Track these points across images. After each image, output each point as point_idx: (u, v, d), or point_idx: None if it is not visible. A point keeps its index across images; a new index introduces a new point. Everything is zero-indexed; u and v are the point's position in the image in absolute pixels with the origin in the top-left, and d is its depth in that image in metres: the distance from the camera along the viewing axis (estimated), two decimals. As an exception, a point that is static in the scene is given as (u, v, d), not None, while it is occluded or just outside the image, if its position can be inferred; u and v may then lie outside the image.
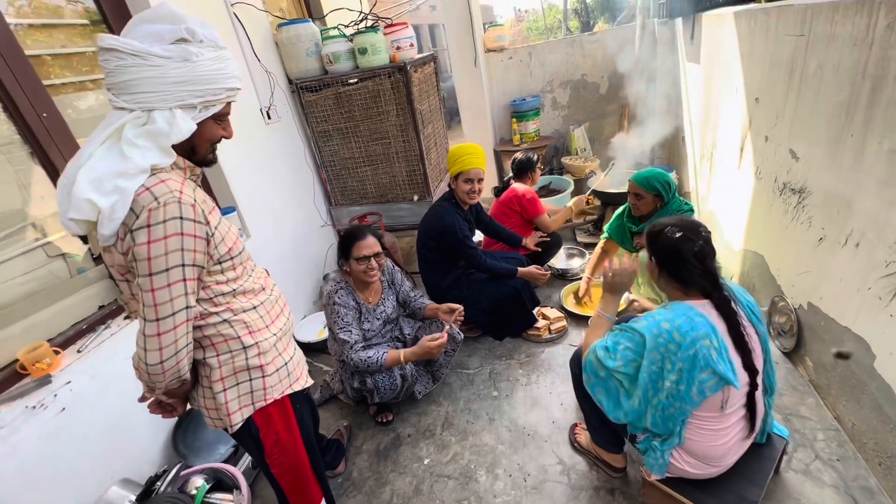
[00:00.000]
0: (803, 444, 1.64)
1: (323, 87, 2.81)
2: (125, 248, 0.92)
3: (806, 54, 1.74)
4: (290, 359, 1.22)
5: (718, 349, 1.17)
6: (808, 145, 1.77)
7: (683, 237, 1.25)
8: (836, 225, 1.62)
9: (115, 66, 0.89)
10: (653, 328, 1.21)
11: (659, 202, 2.10)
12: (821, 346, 1.77)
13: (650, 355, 1.21)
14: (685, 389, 1.19)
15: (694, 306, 1.22)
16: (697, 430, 1.27)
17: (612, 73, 4.02)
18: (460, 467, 1.82)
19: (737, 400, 1.25)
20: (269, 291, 1.19)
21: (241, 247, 1.11)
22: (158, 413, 1.19)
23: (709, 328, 1.17)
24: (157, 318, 0.92)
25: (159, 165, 0.94)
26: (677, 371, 1.18)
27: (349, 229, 1.94)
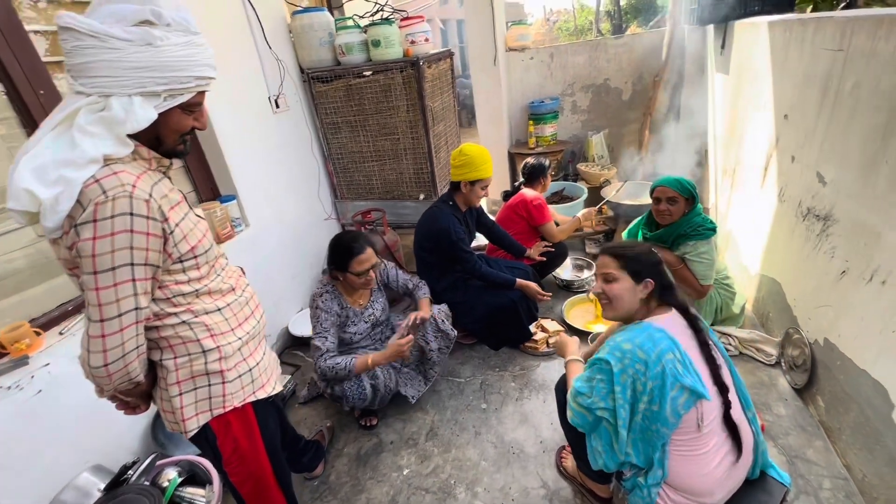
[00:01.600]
0: (807, 490, 1.52)
1: (334, 78, 2.76)
2: (69, 242, 0.87)
3: (843, 71, 1.61)
4: (256, 364, 1.16)
5: (683, 361, 1.14)
6: (838, 169, 1.64)
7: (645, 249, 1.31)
8: (861, 258, 1.49)
9: (73, 46, 0.84)
10: (615, 351, 1.18)
11: (688, 207, 2.00)
12: (835, 386, 1.64)
13: (620, 379, 1.16)
14: (658, 410, 1.14)
15: (651, 322, 1.20)
16: (679, 456, 1.19)
17: (637, 80, 3.88)
18: (440, 481, 1.75)
19: (713, 417, 1.17)
20: (238, 292, 1.13)
21: (209, 245, 1.05)
22: (122, 409, 1.15)
23: (670, 342, 1.15)
24: (102, 319, 0.87)
25: (113, 156, 0.89)
26: (649, 392, 1.13)
27: (344, 239, 1.84)
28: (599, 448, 1.26)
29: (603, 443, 1.25)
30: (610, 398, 1.17)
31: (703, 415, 1.14)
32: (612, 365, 1.15)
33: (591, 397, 1.20)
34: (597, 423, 1.24)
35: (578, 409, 1.25)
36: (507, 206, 2.85)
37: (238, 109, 2.33)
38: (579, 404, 1.24)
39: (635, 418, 1.16)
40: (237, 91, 2.32)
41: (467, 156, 2.18)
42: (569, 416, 1.30)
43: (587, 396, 1.21)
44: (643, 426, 1.16)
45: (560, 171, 4.10)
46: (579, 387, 1.25)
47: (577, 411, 1.26)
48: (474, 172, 2.20)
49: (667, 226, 2.08)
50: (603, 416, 1.20)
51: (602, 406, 1.19)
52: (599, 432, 1.25)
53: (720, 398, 1.18)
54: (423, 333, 2.03)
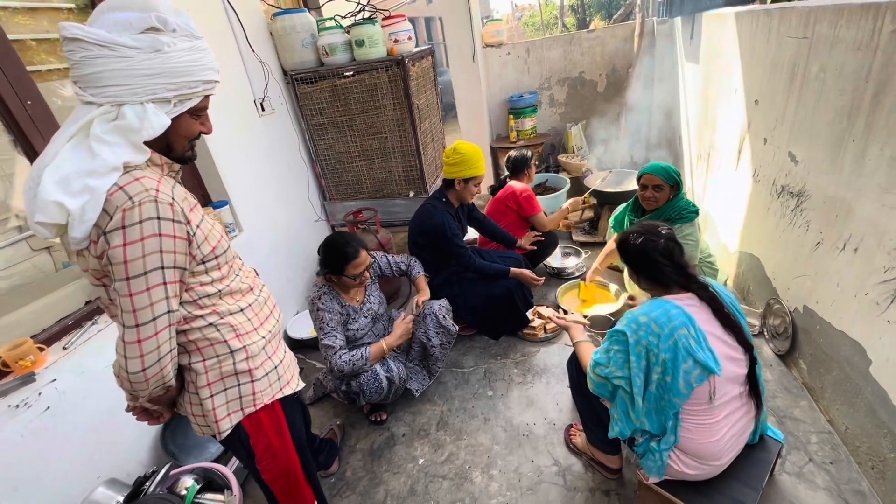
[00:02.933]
0: (797, 446, 1.65)
1: (319, 80, 2.76)
2: (99, 251, 0.87)
3: (808, 57, 1.73)
4: (280, 362, 1.18)
5: (697, 338, 1.20)
6: (809, 149, 1.77)
7: (646, 240, 1.32)
8: (834, 229, 1.62)
9: (81, 57, 0.84)
10: (631, 324, 1.25)
11: (673, 193, 2.11)
12: (815, 349, 1.78)
13: (635, 349, 1.23)
14: (671, 381, 1.21)
15: (671, 300, 1.26)
16: (691, 425, 1.27)
17: (611, 72, 4.01)
18: (455, 467, 1.81)
19: (725, 390, 1.26)
20: (257, 292, 1.15)
21: (227, 245, 1.06)
22: (145, 420, 1.15)
23: (685, 318, 1.21)
24: (137, 324, 0.88)
25: (132, 163, 0.89)
26: (661, 363, 1.20)
27: (337, 243, 1.85)
28: (616, 416, 1.34)
29: (619, 410, 1.32)
30: (626, 367, 1.25)
31: (716, 389, 1.21)
32: (628, 336, 1.23)
33: (608, 367, 1.28)
34: (615, 391, 1.32)
35: (597, 380, 1.33)
36: (496, 199, 2.92)
37: (225, 113, 2.31)
38: (598, 374, 1.32)
39: (649, 388, 1.24)
40: (222, 95, 2.28)
41: (462, 154, 2.22)
42: (589, 386, 1.38)
43: (605, 366, 1.29)
44: (657, 395, 1.24)
45: (541, 163, 4.20)
46: (598, 358, 1.33)
47: (596, 382, 1.34)
48: (469, 170, 2.25)
49: (652, 211, 2.18)
50: (620, 384, 1.28)
51: (619, 375, 1.26)
52: (617, 401, 1.33)
53: (746, 356, 1.27)
54: (424, 329, 2.08)
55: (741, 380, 1.29)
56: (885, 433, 1.41)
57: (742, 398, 1.31)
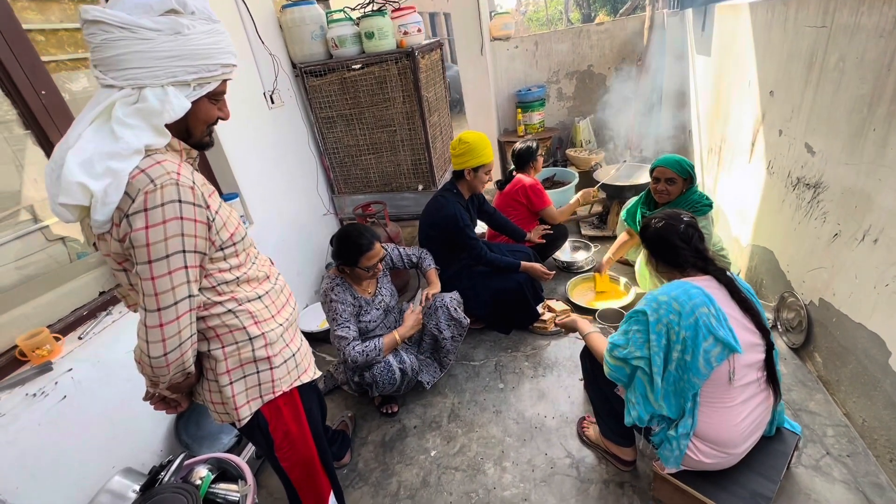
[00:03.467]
0: (813, 439, 1.63)
1: (328, 72, 2.75)
2: (121, 234, 0.87)
3: (827, 46, 1.71)
4: (298, 350, 1.18)
5: (717, 317, 1.21)
6: (826, 139, 1.74)
7: (666, 224, 1.36)
8: (853, 220, 1.60)
9: (102, 40, 0.83)
10: (651, 303, 1.26)
11: (686, 187, 2.10)
12: (832, 342, 1.77)
13: (655, 328, 1.24)
14: (691, 360, 1.20)
15: (689, 280, 1.28)
16: (709, 408, 1.27)
17: (620, 65, 3.97)
18: (468, 459, 1.80)
19: (744, 372, 1.25)
20: (273, 280, 1.15)
21: (244, 232, 1.06)
22: (162, 409, 1.15)
23: (704, 297, 1.22)
24: (159, 308, 0.88)
25: (153, 146, 0.89)
26: (682, 341, 1.20)
27: (351, 235, 1.84)
28: (634, 399, 1.33)
29: (638, 393, 1.31)
30: (646, 347, 1.25)
31: (735, 369, 1.21)
32: (649, 315, 1.23)
33: (626, 348, 1.28)
34: (633, 374, 1.31)
35: (615, 363, 1.33)
36: (504, 193, 2.89)
37: (234, 106, 2.26)
38: (615, 357, 1.32)
39: (669, 367, 1.23)
40: (233, 87, 2.26)
41: (467, 143, 2.21)
42: (606, 371, 1.38)
43: (623, 348, 1.29)
44: (676, 376, 1.24)
45: (549, 157, 4.18)
46: (615, 340, 1.33)
47: (613, 365, 1.34)
48: (476, 159, 2.24)
49: (665, 204, 2.17)
50: (639, 364, 1.27)
51: (638, 355, 1.26)
52: (635, 383, 1.32)
53: (764, 341, 1.27)
54: (435, 322, 2.08)
55: (759, 365, 1.29)
56: (905, 425, 1.40)
57: (760, 384, 1.30)
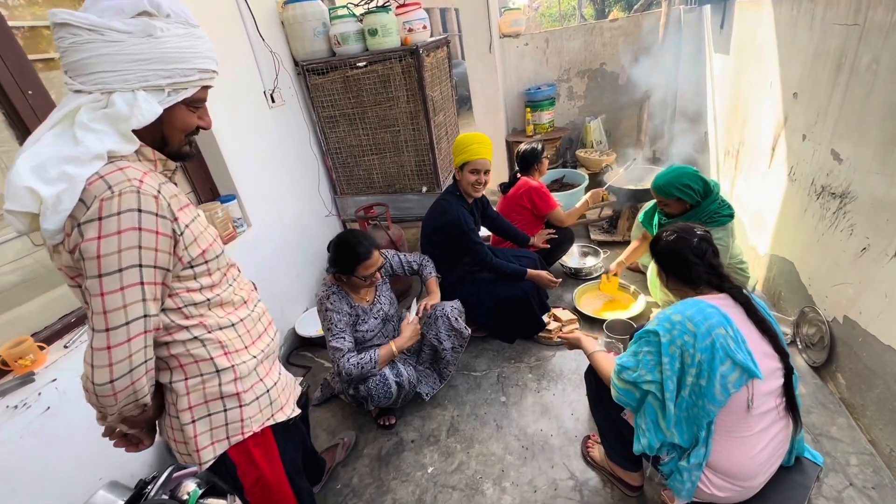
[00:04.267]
0: (834, 468, 1.53)
1: (330, 70, 2.67)
2: (72, 244, 0.79)
3: (858, 46, 1.59)
4: (274, 384, 1.08)
5: (735, 338, 1.11)
6: (856, 146, 1.63)
7: (678, 238, 1.29)
8: (884, 234, 1.49)
9: (70, 43, 0.78)
10: (664, 322, 1.17)
11: (686, 204, 1.98)
12: (857, 364, 1.65)
13: (669, 350, 1.14)
14: (707, 385, 1.11)
15: (704, 299, 1.19)
16: (725, 437, 1.17)
17: (633, 63, 3.84)
18: (466, 478, 1.73)
19: (763, 400, 1.15)
20: (251, 306, 1.06)
21: (220, 250, 0.98)
22: (122, 446, 1.04)
23: (721, 317, 1.13)
24: (108, 328, 0.79)
25: (118, 153, 0.83)
26: (697, 364, 1.11)
27: (349, 243, 1.76)
28: (644, 426, 1.23)
29: (648, 419, 1.22)
30: (657, 370, 1.15)
31: (754, 396, 1.12)
32: (661, 336, 1.13)
33: (636, 371, 1.18)
34: (643, 398, 1.22)
35: (623, 386, 1.23)
36: (508, 197, 2.80)
37: (234, 105, 2.25)
38: (624, 380, 1.22)
39: (682, 393, 1.14)
40: (232, 86, 2.23)
41: (456, 140, 2.16)
42: (613, 395, 1.28)
43: (633, 370, 1.19)
44: (689, 402, 1.14)
45: (559, 158, 4.07)
46: (624, 362, 1.23)
47: (621, 388, 1.24)
48: (461, 155, 2.14)
49: (679, 214, 2.06)
50: (650, 389, 1.17)
51: (649, 379, 1.17)
52: (645, 408, 1.23)
53: (782, 364, 1.17)
54: (435, 332, 2.00)
55: (778, 391, 1.18)
56: (939, 460, 1.29)
57: (778, 412, 1.20)
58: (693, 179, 1.96)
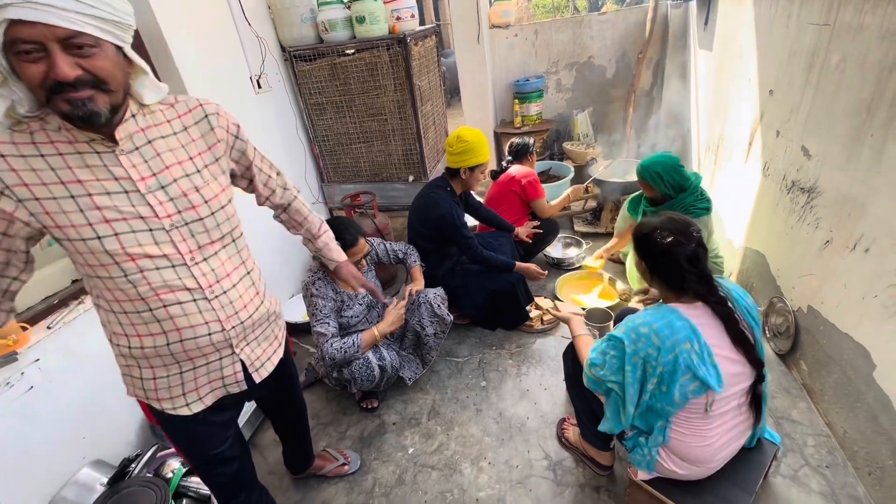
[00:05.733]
0: (793, 448, 1.61)
1: (318, 57, 2.67)
2: None
3: (829, 45, 1.64)
4: (152, 379, 1.00)
5: (700, 353, 1.13)
6: (823, 143, 1.69)
7: (675, 241, 1.16)
8: (845, 228, 1.56)
9: None
10: (630, 332, 1.18)
11: (658, 192, 2.05)
12: (818, 351, 1.74)
13: (632, 360, 1.17)
14: (667, 392, 1.16)
15: (677, 309, 1.17)
16: (681, 430, 1.24)
17: (621, 57, 3.88)
18: (445, 458, 1.79)
19: (723, 402, 1.21)
20: (154, 308, 0.91)
21: (90, 234, 0.84)
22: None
23: (689, 332, 1.13)
24: None
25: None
26: (658, 375, 1.15)
27: (335, 229, 1.74)
28: (608, 413, 1.30)
29: (611, 409, 1.29)
30: (620, 374, 1.20)
31: (714, 402, 1.16)
32: (626, 345, 1.16)
33: (603, 369, 1.24)
34: (609, 390, 1.28)
35: (592, 378, 1.29)
36: (498, 183, 2.85)
37: (219, 90, 2.24)
38: (594, 374, 1.27)
39: (643, 397, 1.19)
40: (217, 71, 2.22)
41: (467, 142, 2.14)
42: (584, 381, 1.34)
43: (600, 368, 1.25)
44: (650, 403, 1.19)
45: (546, 150, 4.11)
46: (594, 358, 1.28)
47: (590, 379, 1.30)
48: (474, 158, 2.17)
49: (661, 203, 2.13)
50: (613, 388, 1.24)
51: (613, 380, 1.22)
52: (610, 399, 1.29)
53: (754, 371, 1.20)
54: (418, 318, 2.04)
55: (742, 392, 1.22)
56: (886, 439, 1.38)
57: (740, 409, 1.25)
58: (666, 171, 2.02)
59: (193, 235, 0.94)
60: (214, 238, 0.97)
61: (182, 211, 0.92)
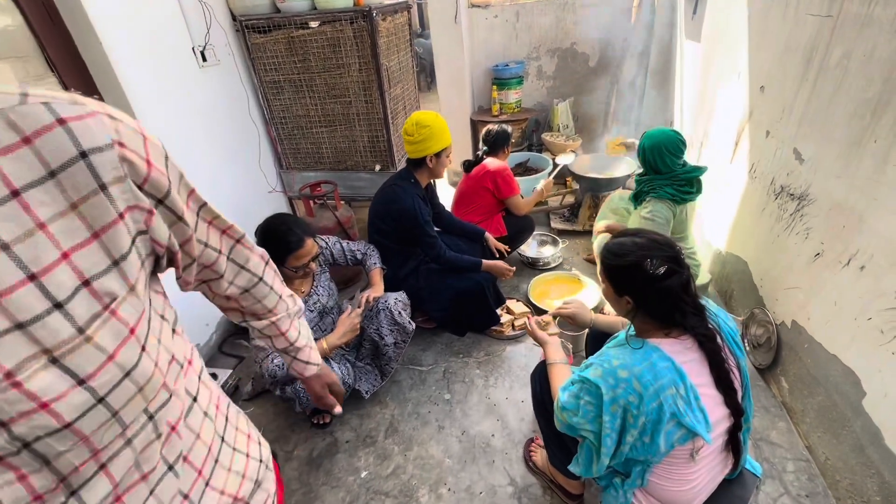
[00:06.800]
0: (772, 475, 1.51)
1: (273, 28, 2.38)
2: None
3: (831, 39, 1.50)
4: None
5: (686, 397, 0.98)
6: (818, 146, 1.56)
7: (670, 270, 0.98)
8: (839, 241, 1.44)
9: None
10: (608, 377, 1.00)
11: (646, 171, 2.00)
12: (801, 369, 1.63)
13: (610, 409, 1.00)
14: (650, 443, 1.01)
15: (659, 347, 1.01)
16: (662, 475, 1.09)
17: (604, 45, 3.70)
18: (401, 483, 1.62)
19: (710, 448, 1.07)
20: None
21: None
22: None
23: (674, 375, 0.98)
24: None
25: None
26: (640, 426, 0.99)
27: (279, 230, 1.57)
28: (580, 459, 1.15)
29: (584, 456, 1.13)
30: (597, 422, 1.03)
31: (700, 449, 1.02)
32: (603, 392, 0.99)
33: (577, 416, 1.07)
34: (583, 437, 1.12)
35: (564, 422, 1.12)
36: (471, 177, 2.64)
37: (154, 62, 1.94)
38: (566, 419, 1.10)
39: (622, 448, 1.03)
40: (151, 39, 1.93)
41: (428, 127, 1.92)
42: (556, 424, 1.16)
43: (573, 413, 1.07)
44: (629, 455, 1.04)
45: (524, 140, 3.92)
46: (566, 402, 1.10)
47: (562, 423, 1.13)
48: (439, 143, 1.95)
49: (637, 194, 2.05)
50: (587, 437, 1.08)
51: (588, 428, 1.05)
52: (584, 446, 1.13)
53: (732, 420, 1.06)
54: (377, 326, 1.85)
55: (723, 431, 1.08)
56: (873, 473, 1.28)
57: (720, 448, 1.11)
58: (651, 149, 1.92)
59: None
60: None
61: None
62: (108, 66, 1.75)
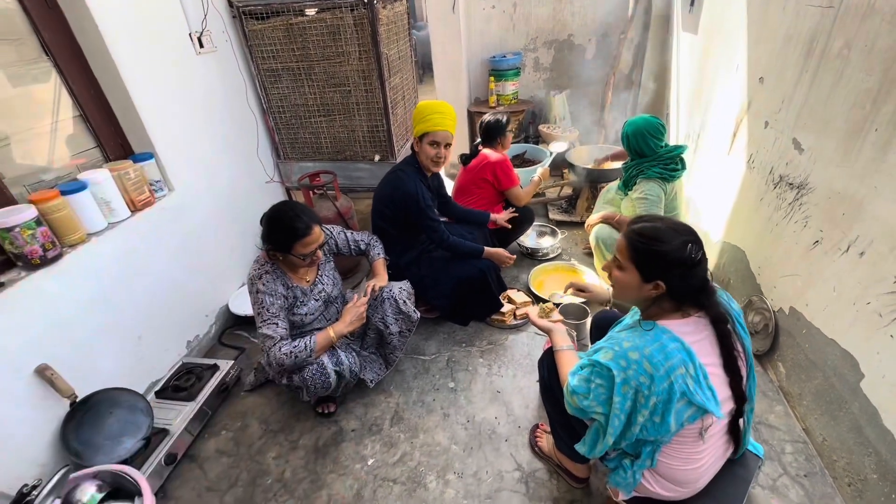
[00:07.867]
0: (771, 456, 1.56)
1: (272, 15, 2.34)
2: None
3: (831, 30, 1.52)
4: None
5: (696, 376, 1.00)
6: (818, 136, 1.59)
7: (704, 254, 1.02)
8: (838, 228, 1.47)
9: None
10: (620, 359, 1.02)
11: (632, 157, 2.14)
12: (798, 354, 1.67)
13: (621, 390, 1.02)
14: (661, 422, 1.03)
15: (670, 328, 1.03)
16: (671, 454, 1.12)
17: (602, 37, 3.71)
18: (408, 470, 1.63)
19: (716, 426, 1.10)
20: None
21: None
22: None
23: (684, 355, 1.00)
24: None
25: None
26: (651, 406, 1.01)
27: (286, 216, 1.55)
28: (587, 438, 1.17)
29: (591, 436, 1.15)
30: (608, 405, 1.05)
31: (709, 427, 1.05)
32: (615, 374, 1.01)
33: (588, 399, 1.08)
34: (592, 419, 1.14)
35: (575, 406, 1.14)
36: (468, 169, 2.64)
37: (150, 48, 1.90)
38: (577, 403, 1.12)
39: (632, 429, 1.05)
40: (147, 25, 1.88)
41: (417, 108, 1.94)
42: (567, 409, 1.18)
43: (584, 397, 1.09)
44: (639, 435, 1.06)
45: (521, 132, 3.93)
46: (576, 385, 1.12)
47: (573, 406, 1.15)
48: (421, 124, 1.94)
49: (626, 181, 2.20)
50: (598, 419, 1.09)
51: (599, 411, 1.07)
52: (592, 426, 1.15)
53: (735, 406, 1.09)
54: (381, 315, 1.85)
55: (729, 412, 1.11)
56: (870, 452, 1.32)
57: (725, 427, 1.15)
58: (634, 134, 2.06)
59: None
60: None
61: None
62: (105, 50, 1.71)
